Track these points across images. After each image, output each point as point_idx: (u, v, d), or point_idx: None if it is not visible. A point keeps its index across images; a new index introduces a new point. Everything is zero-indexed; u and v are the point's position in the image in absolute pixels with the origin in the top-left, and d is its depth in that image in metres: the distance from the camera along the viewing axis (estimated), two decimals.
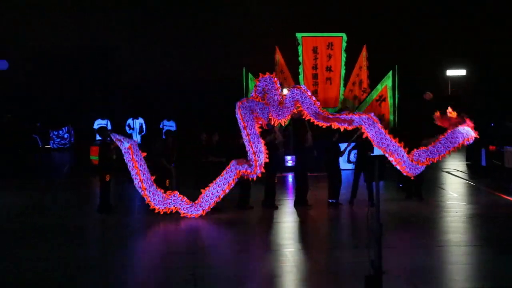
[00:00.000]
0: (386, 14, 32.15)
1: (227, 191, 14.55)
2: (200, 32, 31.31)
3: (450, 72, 32.91)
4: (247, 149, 14.46)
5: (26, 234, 13.25)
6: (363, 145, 15.43)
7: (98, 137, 23.86)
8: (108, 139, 15.23)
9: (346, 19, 30.40)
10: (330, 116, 14.85)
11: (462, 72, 32.98)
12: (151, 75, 30.78)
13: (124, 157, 14.31)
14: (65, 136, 28.09)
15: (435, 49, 32.31)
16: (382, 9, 32.14)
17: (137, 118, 24.06)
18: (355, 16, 31.20)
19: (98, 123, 24.39)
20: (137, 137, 23.92)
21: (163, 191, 14.48)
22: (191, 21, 31.54)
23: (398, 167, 14.87)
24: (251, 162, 14.36)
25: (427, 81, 31.34)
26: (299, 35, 25.01)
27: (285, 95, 14.88)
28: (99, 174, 15.29)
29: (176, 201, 14.42)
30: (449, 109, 15.36)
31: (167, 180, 15.34)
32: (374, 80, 24.88)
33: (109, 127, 24.31)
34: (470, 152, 23.31)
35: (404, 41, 31.68)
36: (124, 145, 14.25)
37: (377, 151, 12.18)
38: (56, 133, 27.98)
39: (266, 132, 15.30)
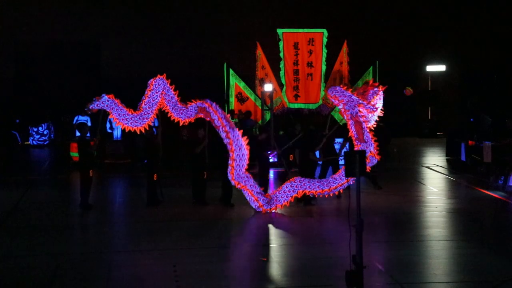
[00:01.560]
0: (366, 9, 32.25)
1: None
2: (181, 28, 31.20)
3: (430, 68, 33.08)
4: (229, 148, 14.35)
5: (5, 231, 13.15)
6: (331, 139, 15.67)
7: (77, 133, 23.79)
8: (88, 135, 15.09)
9: (327, 14, 30.45)
10: None
11: (442, 67, 33.16)
12: (133, 73, 30.61)
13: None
14: (45, 132, 27.86)
15: (415, 44, 32.48)
16: (362, 4, 32.23)
17: None
18: (336, 11, 31.28)
19: (78, 119, 24.20)
20: (118, 134, 23.81)
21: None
22: (172, 17, 31.41)
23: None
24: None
25: (408, 76, 31.49)
26: (280, 30, 24.97)
27: None
28: (80, 171, 15.19)
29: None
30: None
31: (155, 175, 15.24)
32: (355, 75, 24.94)
33: (89, 123, 24.12)
34: (450, 147, 23.49)
35: (384, 37, 31.81)
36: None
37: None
38: (35, 129, 27.74)
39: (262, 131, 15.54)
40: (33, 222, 14.04)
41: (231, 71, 24.23)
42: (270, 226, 13.60)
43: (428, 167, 21.86)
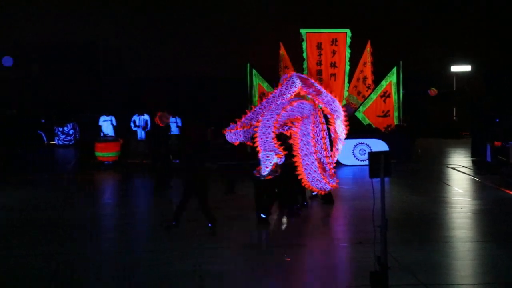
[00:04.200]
0: (390, 9, 32.10)
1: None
2: (204, 28, 31.30)
3: (455, 68, 32.83)
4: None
5: (27, 230, 13.27)
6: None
7: (102, 133, 23.97)
8: (113, 134, 15.30)
9: (350, 14, 30.37)
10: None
11: (467, 68, 32.90)
12: (156, 73, 30.82)
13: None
14: (70, 132, 28.10)
15: (440, 45, 32.25)
16: (386, 4, 32.08)
17: (143, 115, 24.06)
18: (360, 11, 31.17)
19: (103, 119, 24.40)
20: (141, 134, 23.96)
21: None
22: (195, 17, 31.53)
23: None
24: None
25: (432, 77, 31.29)
26: (303, 31, 24.99)
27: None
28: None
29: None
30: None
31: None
32: (379, 76, 24.85)
33: (113, 122, 24.28)
34: (476, 148, 23.27)
35: (409, 37, 31.62)
36: None
37: None
38: (61, 129, 27.99)
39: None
40: (56, 220, 14.14)
41: (254, 72, 24.29)
42: (293, 225, 13.58)
43: (453, 168, 21.68)
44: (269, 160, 13.04)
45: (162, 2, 31.50)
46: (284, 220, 14.06)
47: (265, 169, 13.05)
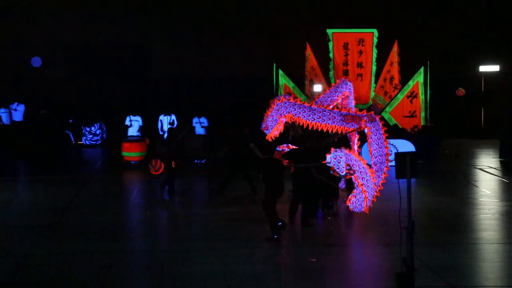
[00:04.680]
0: (417, 9, 31.87)
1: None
2: (231, 29, 31.36)
3: (483, 68, 32.50)
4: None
5: (59, 229, 13.42)
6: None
7: (129, 133, 24.16)
8: (139, 134, 15.56)
9: (377, 14, 30.22)
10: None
11: (495, 68, 32.54)
12: (183, 73, 30.97)
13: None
14: (97, 132, 28.36)
15: (468, 44, 31.93)
16: (413, 4, 31.86)
17: (169, 115, 24.22)
18: (386, 11, 30.99)
19: (129, 120, 24.61)
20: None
21: None
22: (221, 18, 31.61)
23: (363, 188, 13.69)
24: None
25: (460, 77, 31.01)
26: (329, 31, 24.95)
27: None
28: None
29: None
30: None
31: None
32: (406, 76, 24.71)
33: (140, 123, 24.47)
34: (504, 149, 23.03)
35: (436, 37, 31.37)
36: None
37: None
38: (88, 129, 28.27)
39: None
40: (83, 222, 14.28)
41: (280, 72, 24.30)
42: (319, 226, 13.57)
43: (481, 169, 21.48)
44: (342, 160, 13.10)
45: (188, 2, 31.64)
46: (318, 221, 14.01)
47: (342, 168, 13.11)
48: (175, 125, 23.74)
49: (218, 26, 31.48)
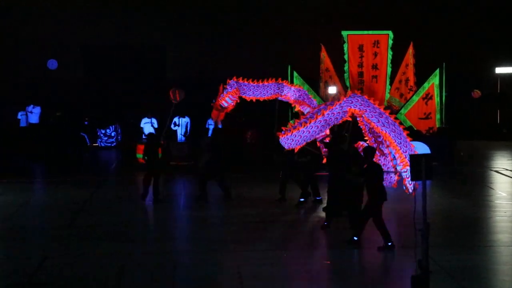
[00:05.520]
0: (433, 10, 31.74)
1: None
2: (245, 31, 31.38)
3: (499, 70, 32.30)
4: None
5: (74, 231, 13.49)
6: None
7: (144, 135, 24.20)
8: None
9: (392, 16, 30.13)
10: None
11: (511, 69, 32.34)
12: (196, 74, 31.00)
13: None
14: (112, 134, 28.49)
15: (484, 46, 31.75)
16: (429, 6, 31.73)
17: (184, 117, 24.27)
18: (402, 13, 30.88)
19: (144, 122, 24.69)
20: (181, 135, 24.23)
21: None
22: (235, 19, 31.64)
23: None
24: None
25: (475, 79, 30.84)
26: (344, 33, 24.91)
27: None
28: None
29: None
30: None
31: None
32: (421, 78, 24.61)
33: (155, 125, 24.53)
34: None
35: (451, 39, 31.22)
36: None
37: None
38: (103, 131, 28.40)
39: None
40: (98, 223, 14.32)
41: (295, 73, 24.28)
42: (334, 228, 13.53)
43: (496, 171, 21.35)
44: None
45: (200, 2, 31.69)
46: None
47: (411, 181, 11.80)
48: (189, 129, 23.89)
49: (230, 28, 31.41)
